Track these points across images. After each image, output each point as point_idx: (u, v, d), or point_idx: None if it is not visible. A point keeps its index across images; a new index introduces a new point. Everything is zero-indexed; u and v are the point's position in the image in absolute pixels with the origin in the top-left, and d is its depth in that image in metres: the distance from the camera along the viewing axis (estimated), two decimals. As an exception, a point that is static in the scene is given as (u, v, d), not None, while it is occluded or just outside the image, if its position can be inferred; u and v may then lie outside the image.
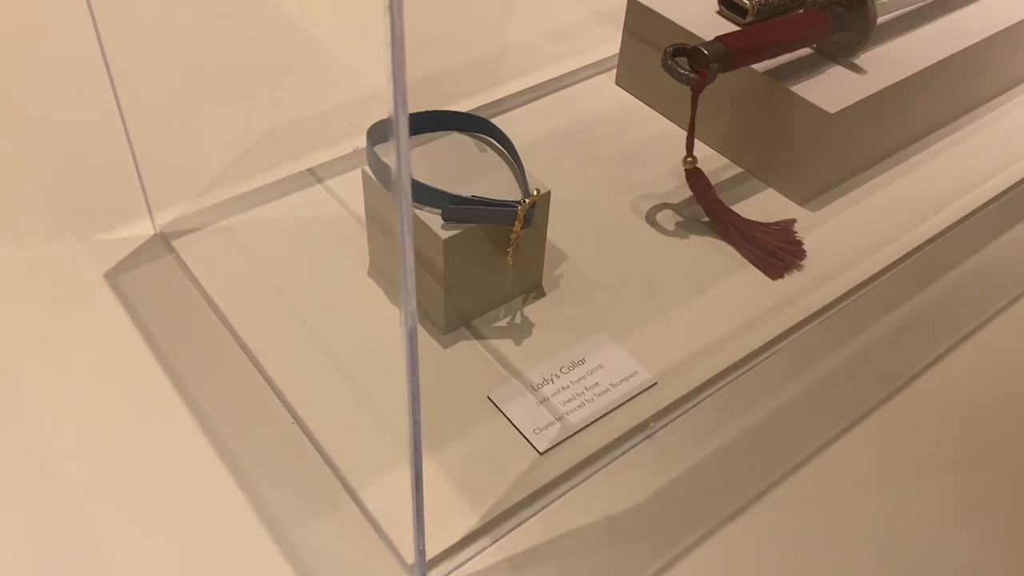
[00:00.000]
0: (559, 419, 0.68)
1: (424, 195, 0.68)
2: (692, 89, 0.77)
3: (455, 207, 0.67)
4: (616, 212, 0.87)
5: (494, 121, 0.99)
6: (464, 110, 1.00)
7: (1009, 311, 0.81)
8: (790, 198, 0.88)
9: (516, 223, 0.68)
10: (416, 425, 0.51)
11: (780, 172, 0.88)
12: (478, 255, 0.70)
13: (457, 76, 1.05)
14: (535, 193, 0.68)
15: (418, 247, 0.71)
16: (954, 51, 0.90)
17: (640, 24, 0.96)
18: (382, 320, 0.76)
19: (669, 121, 0.99)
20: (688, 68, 0.77)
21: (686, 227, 0.86)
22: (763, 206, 0.88)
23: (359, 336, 0.74)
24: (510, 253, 0.70)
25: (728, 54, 0.77)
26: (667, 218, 0.87)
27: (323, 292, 0.78)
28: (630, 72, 1.01)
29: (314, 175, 0.90)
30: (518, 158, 0.72)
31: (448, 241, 0.67)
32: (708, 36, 0.89)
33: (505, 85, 1.04)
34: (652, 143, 0.97)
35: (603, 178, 0.91)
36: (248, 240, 0.83)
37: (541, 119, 0.99)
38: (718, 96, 0.88)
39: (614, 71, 1.04)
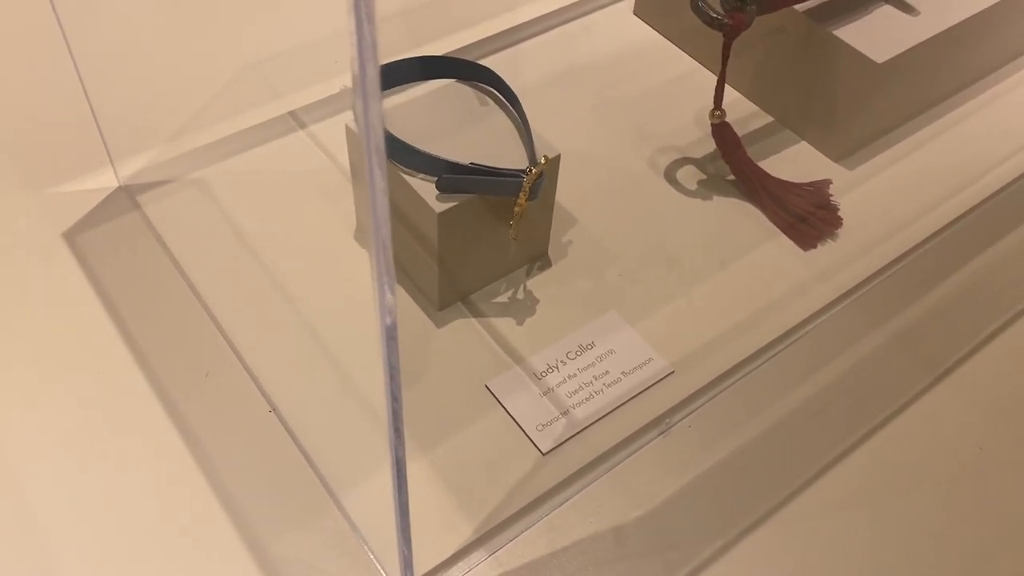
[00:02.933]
0: (564, 414, 0.61)
1: (416, 161, 0.60)
2: (724, 36, 0.67)
3: (451, 176, 0.58)
4: (632, 167, 0.79)
5: (496, 58, 0.90)
6: (460, 46, 0.90)
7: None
8: (825, 154, 0.79)
9: (520, 195, 0.59)
10: (398, 434, 0.43)
11: (816, 125, 0.79)
12: (477, 227, 0.62)
13: (450, 4, 0.94)
14: (543, 160, 0.59)
15: (410, 218, 0.63)
16: (1018, -13, 0.80)
17: (663, -52, 0.86)
18: (371, 293, 0.68)
19: (693, 60, 0.89)
20: (720, 10, 0.67)
21: (710, 186, 0.77)
22: (795, 162, 0.79)
23: (345, 312, 0.67)
24: (513, 226, 0.62)
25: (767, -6, 0.67)
26: (689, 175, 0.78)
27: (305, 259, 0.70)
28: (650, 1, 0.91)
29: (296, 119, 0.81)
30: (524, 117, 0.63)
31: (444, 214, 0.59)
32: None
33: (508, 15, 0.93)
34: (674, 85, 0.87)
35: (618, 127, 0.82)
36: (221, 195, 0.75)
37: (549, 56, 0.89)
38: (749, 33, 0.78)
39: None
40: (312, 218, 0.73)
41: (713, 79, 0.86)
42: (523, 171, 0.59)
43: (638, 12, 0.92)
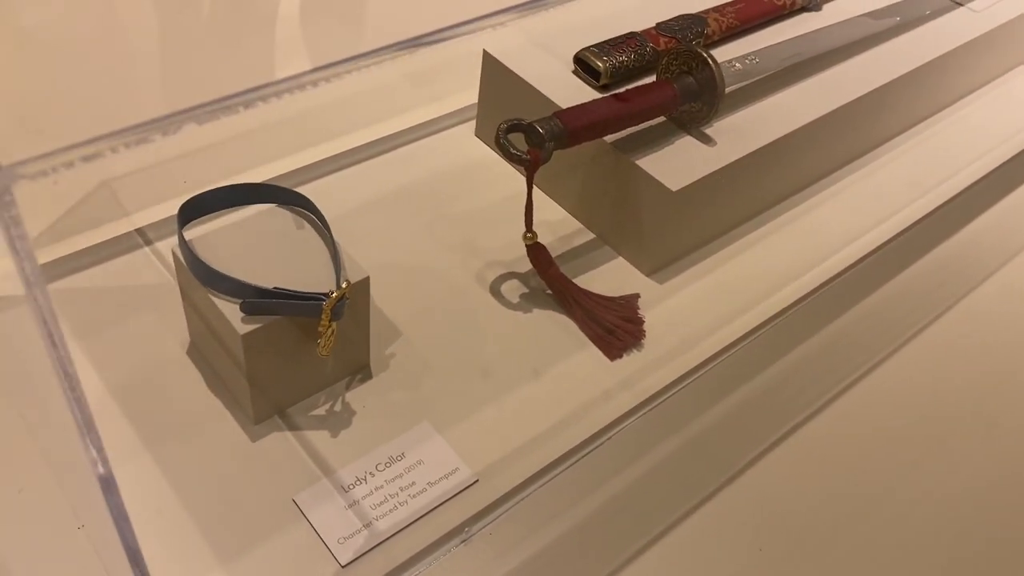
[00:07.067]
0: (367, 525, 0.64)
1: (225, 286, 0.64)
2: (526, 169, 0.74)
3: (254, 300, 0.62)
4: (459, 281, 0.84)
5: (345, 174, 0.96)
6: (312, 161, 0.96)
7: (853, 390, 0.80)
8: (639, 269, 0.86)
9: (322, 316, 0.64)
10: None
11: (628, 243, 0.86)
12: (286, 347, 0.66)
13: (306, 121, 0.99)
14: (344, 285, 0.64)
15: (221, 336, 0.66)
16: (811, 119, 0.89)
17: (495, 78, 0.93)
18: (194, 409, 0.71)
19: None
20: (522, 147, 0.74)
21: (530, 299, 0.83)
22: (612, 277, 0.86)
23: (168, 429, 0.69)
24: (321, 345, 0.66)
25: (564, 132, 0.74)
26: (512, 289, 0.84)
27: (138, 373, 0.73)
28: (488, 126, 0.98)
29: (143, 236, 0.85)
30: (333, 241, 0.68)
31: (248, 336, 0.63)
32: (560, 98, 0.86)
33: (361, 132, 0.99)
34: (508, 203, 0.93)
35: (452, 242, 0.88)
36: (61, 311, 0.77)
37: (396, 172, 0.95)
38: (572, 156, 0.85)
39: (475, 122, 1.01)
40: (148, 334, 0.76)
41: (545, 198, 0.94)
42: (324, 294, 0.63)
43: (479, 134, 0.99)
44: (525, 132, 0.74)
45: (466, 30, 0.98)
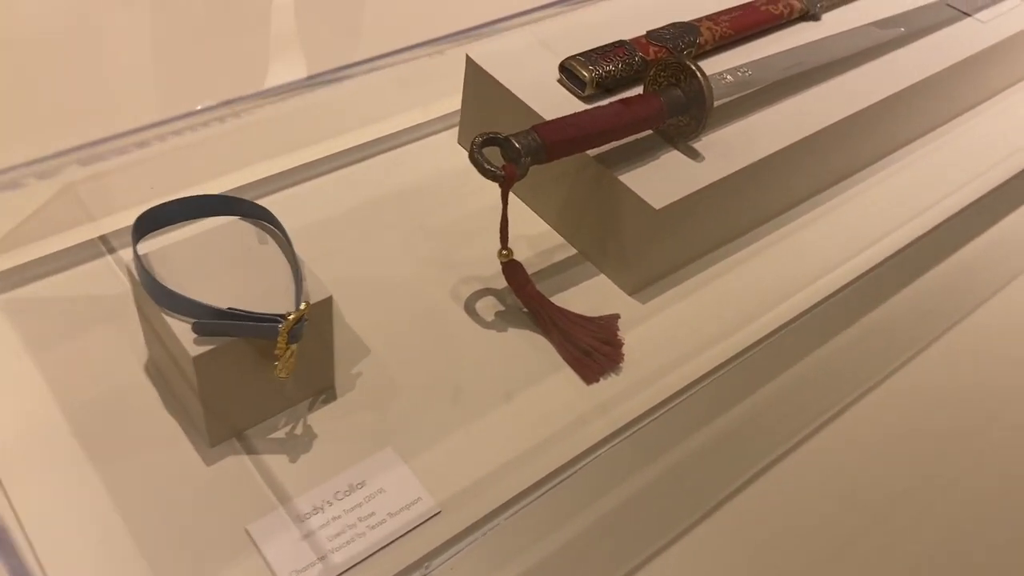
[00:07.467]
0: (322, 558, 0.61)
1: (177, 304, 0.61)
2: (500, 185, 0.70)
3: (207, 321, 0.59)
4: (433, 296, 0.81)
5: (320, 182, 0.93)
6: (285, 168, 0.92)
7: (839, 419, 0.77)
8: (621, 287, 0.83)
9: (279, 339, 0.61)
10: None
11: (610, 260, 0.83)
12: (243, 368, 0.63)
13: (284, 128, 0.96)
14: (303, 306, 0.61)
15: (175, 356, 0.63)
16: (804, 135, 0.86)
17: (478, 86, 0.90)
18: (148, 430, 0.68)
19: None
20: (498, 162, 0.71)
21: (506, 318, 0.80)
22: (593, 295, 0.82)
23: (119, 449, 0.66)
24: (279, 367, 0.63)
25: (542, 147, 0.71)
26: (487, 307, 0.80)
27: (90, 389, 0.70)
28: (471, 134, 0.94)
29: (106, 244, 0.82)
30: (295, 259, 0.65)
31: (200, 358, 0.60)
32: (543, 108, 0.83)
33: (338, 139, 0.96)
34: (488, 214, 0.89)
35: (426, 255, 0.85)
36: (18, 323, 0.74)
37: (373, 181, 0.92)
38: (555, 167, 0.81)
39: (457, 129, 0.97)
40: (105, 347, 0.73)
41: (526, 211, 0.91)
42: (281, 316, 0.60)
43: (461, 142, 0.96)
44: (500, 146, 0.71)
45: (455, 41, 0.95)
